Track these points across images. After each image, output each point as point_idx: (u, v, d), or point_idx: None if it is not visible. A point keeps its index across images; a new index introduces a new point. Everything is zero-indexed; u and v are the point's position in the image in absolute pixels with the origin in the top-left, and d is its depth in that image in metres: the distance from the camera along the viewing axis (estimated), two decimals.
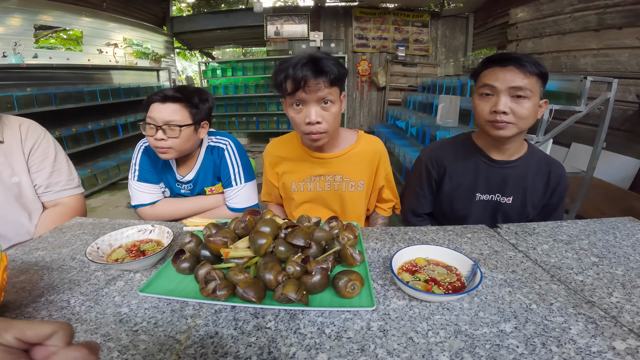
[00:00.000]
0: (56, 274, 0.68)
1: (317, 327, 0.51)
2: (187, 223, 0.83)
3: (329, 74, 0.79)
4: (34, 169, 1.00)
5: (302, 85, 0.78)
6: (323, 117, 0.83)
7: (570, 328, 0.50)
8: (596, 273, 0.66)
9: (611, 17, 2.82)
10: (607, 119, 2.08)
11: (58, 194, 1.04)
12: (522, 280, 0.63)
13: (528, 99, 0.86)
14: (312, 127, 0.83)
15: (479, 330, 0.50)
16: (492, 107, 0.89)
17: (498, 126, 0.89)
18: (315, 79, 0.78)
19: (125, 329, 0.52)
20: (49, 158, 1.03)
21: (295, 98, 0.82)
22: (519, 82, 0.85)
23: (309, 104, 0.82)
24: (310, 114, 0.82)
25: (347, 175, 1.01)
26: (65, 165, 1.07)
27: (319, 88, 0.79)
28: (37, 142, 1.01)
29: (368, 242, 0.79)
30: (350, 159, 1.00)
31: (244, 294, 0.50)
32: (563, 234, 0.83)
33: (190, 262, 0.62)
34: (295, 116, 0.85)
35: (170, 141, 1.01)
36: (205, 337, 0.50)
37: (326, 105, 0.83)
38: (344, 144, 1.01)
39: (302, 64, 0.79)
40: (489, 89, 0.90)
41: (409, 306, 0.55)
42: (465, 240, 0.80)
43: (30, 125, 1.02)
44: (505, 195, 1.01)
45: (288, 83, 0.81)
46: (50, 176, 1.03)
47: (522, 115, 0.87)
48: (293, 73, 0.78)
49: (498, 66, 0.89)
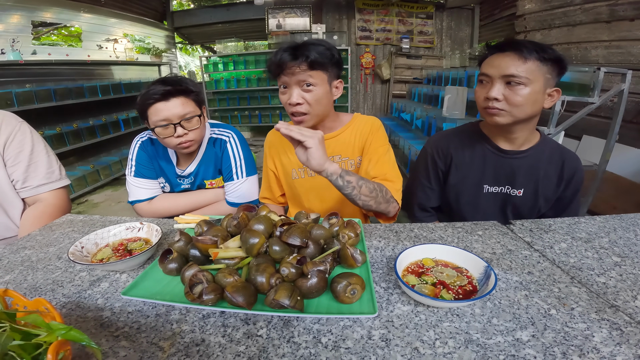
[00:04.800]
0: (40, 275, 0.65)
1: (312, 336, 0.46)
2: (179, 220, 0.78)
3: (306, 57, 0.83)
4: (9, 162, 0.96)
5: (282, 68, 0.84)
6: (305, 98, 0.87)
7: (593, 335, 0.46)
8: (619, 274, 0.61)
9: (623, 9, 2.74)
10: (621, 111, 2.00)
11: (36, 189, 0.99)
12: (539, 282, 0.58)
13: (524, 85, 0.82)
14: (292, 108, 0.88)
15: (492, 339, 0.45)
16: (486, 93, 0.87)
17: (491, 112, 0.87)
18: (292, 61, 0.83)
19: (105, 334, 0.48)
20: (24, 151, 0.97)
21: (280, 81, 0.88)
22: (513, 69, 0.81)
23: (291, 87, 0.87)
24: (291, 95, 0.87)
25: (344, 154, 1.01)
26: (44, 158, 1.02)
27: (297, 71, 0.84)
28: (11, 134, 0.96)
29: (371, 240, 0.74)
30: (345, 138, 1.01)
31: (232, 299, 0.46)
32: (581, 231, 0.78)
33: (178, 262, 0.58)
34: (282, 97, 0.91)
35: (191, 134, 1.00)
36: (191, 344, 0.46)
37: (308, 87, 0.86)
38: (338, 126, 1.03)
39: (283, 48, 0.85)
40: (485, 76, 0.88)
41: (415, 312, 0.50)
42: (475, 238, 0.74)
43: (4, 118, 0.97)
44: (515, 187, 0.96)
45: (273, 66, 0.87)
46: (27, 170, 0.97)
47: (515, 102, 0.83)
48: (276, 57, 0.85)
49: (498, 52, 0.86)
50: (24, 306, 0.43)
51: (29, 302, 0.42)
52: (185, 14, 5.91)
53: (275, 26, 5.29)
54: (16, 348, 0.36)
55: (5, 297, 0.43)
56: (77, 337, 0.36)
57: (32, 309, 0.42)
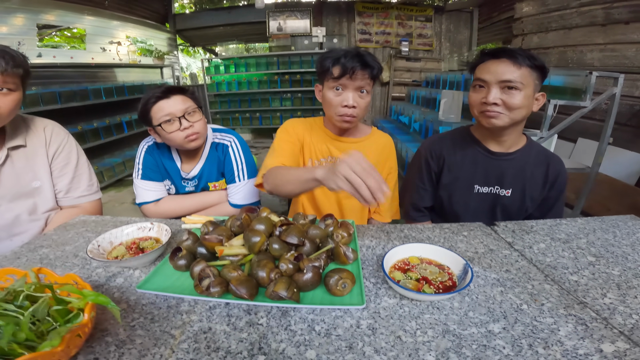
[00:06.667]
0: (59, 271, 0.69)
1: (307, 324, 0.52)
2: (186, 221, 0.84)
3: (373, 69, 0.92)
4: (56, 173, 1.01)
5: (349, 72, 0.90)
6: (358, 103, 0.95)
7: (559, 329, 0.50)
8: (592, 273, 0.65)
9: (618, 12, 2.78)
10: (614, 114, 2.04)
11: (77, 200, 1.05)
12: (515, 279, 0.63)
13: (519, 90, 0.88)
14: (347, 109, 0.94)
15: (467, 330, 0.50)
16: (483, 98, 0.91)
17: (490, 115, 0.91)
18: (362, 70, 0.90)
19: (122, 324, 0.54)
20: (71, 163, 1.04)
21: (338, 82, 0.93)
22: (509, 75, 0.87)
23: (349, 90, 0.93)
24: (348, 98, 0.93)
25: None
26: (87, 171, 1.08)
27: (362, 78, 0.91)
28: (60, 145, 1.02)
29: (363, 239, 0.80)
30: (365, 147, 1.09)
31: (236, 291, 0.52)
32: (562, 232, 0.83)
33: (186, 259, 0.64)
34: (334, 98, 0.95)
35: (196, 125, 1.05)
36: (199, 332, 0.51)
37: (362, 94, 0.95)
38: (360, 134, 1.13)
39: (352, 55, 0.90)
40: (481, 82, 0.92)
41: (400, 305, 0.56)
42: (461, 238, 0.80)
43: (54, 128, 1.03)
44: (504, 187, 1.02)
45: (336, 68, 0.91)
46: (72, 182, 1.04)
47: (513, 105, 0.88)
48: (344, 61, 0.89)
49: (492, 59, 0.91)
50: (55, 282, 0.53)
51: (61, 278, 0.53)
52: (187, 16, 5.97)
53: (276, 29, 5.35)
54: (53, 312, 0.45)
55: (39, 274, 0.53)
56: (103, 300, 0.47)
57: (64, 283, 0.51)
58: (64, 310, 0.47)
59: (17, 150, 0.96)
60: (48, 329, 0.44)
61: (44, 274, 0.55)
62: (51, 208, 1.02)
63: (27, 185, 0.97)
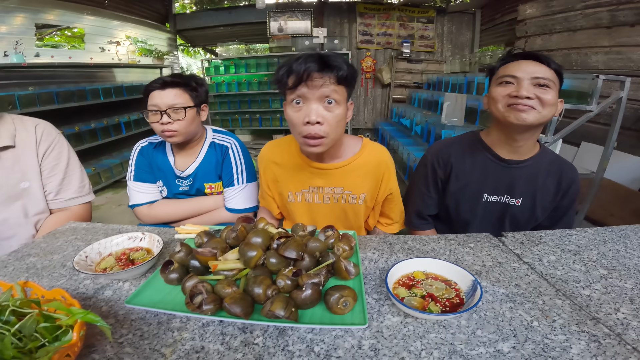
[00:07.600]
0: (45, 282, 0.67)
1: (306, 345, 0.49)
2: (180, 231, 0.81)
3: (336, 70, 0.72)
4: (45, 173, 0.99)
5: (304, 78, 0.71)
6: (325, 118, 0.74)
7: (571, 347, 0.48)
8: (604, 287, 0.63)
9: (623, 14, 2.75)
10: (619, 118, 2.01)
11: (67, 202, 1.03)
12: (525, 295, 0.60)
13: (550, 88, 0.85)
14: (310, 127, 0.74)
15: (474, 350, 0.47)
16: (514, 91, 0.86)
17: (520, 108, 0.84)
18: (319, 72, 0.71)
19: (110, 340, 0.51)
20: (61, 163, 1.01)
21: (295, 93, 0.74)
22: (542, 72, 0.85)
23: (310, 102, 0.74)
24: (310, 112, 0.73)
25: (348, 187, 0.93)
26: (78, 172, 1.06)
27: (323, 83, 0.72)
28: (51, 145, 0.99)
29: (365, 252, 0.76)
30: (352, 171, 0.91)
31: (230, 310, 0.48)
32: (571, 243, 0.80)
33: (178, 272, 0.60)
34: (294, 115, 0.76)
35: (176, 124, 1.04)
36: (191, 351, 0.48)
37: (330, 105, 0.74)
38: (346, 154, 0.92)
39: (307, 56, 0.73)
40: (511, 78, 0.88)
41: (404, 323, 0.53)
42: (467, 250, 0.77)
43: (46, 127, 1.01)
44: (514, 196, 0.97)
45: (291, 77, 0.73)
46: (62, 182, 1.01)
47: (546, 101, 0.85)
48: (296, 65, 0.71)
49: (521, 59, 0.88)
50: (41, 295, 0.50)
51: (47, 292, 0.50)
52: (188, 16, 5.95)
53: (276, 29, 5.33)
54: (40, 329, 0.43)
55: (25, 287, 0.50)
56: (93, 319, 0.44)
57: (50, 298, 0.49)
58: (52, 326, 0.44)
59: (5, 150, 0.93)
60: (36, 346, 0.42)
61: (30, 287, 0.52)
62: (41, 211, 0.99)
63: (15, 186, 0.94)
